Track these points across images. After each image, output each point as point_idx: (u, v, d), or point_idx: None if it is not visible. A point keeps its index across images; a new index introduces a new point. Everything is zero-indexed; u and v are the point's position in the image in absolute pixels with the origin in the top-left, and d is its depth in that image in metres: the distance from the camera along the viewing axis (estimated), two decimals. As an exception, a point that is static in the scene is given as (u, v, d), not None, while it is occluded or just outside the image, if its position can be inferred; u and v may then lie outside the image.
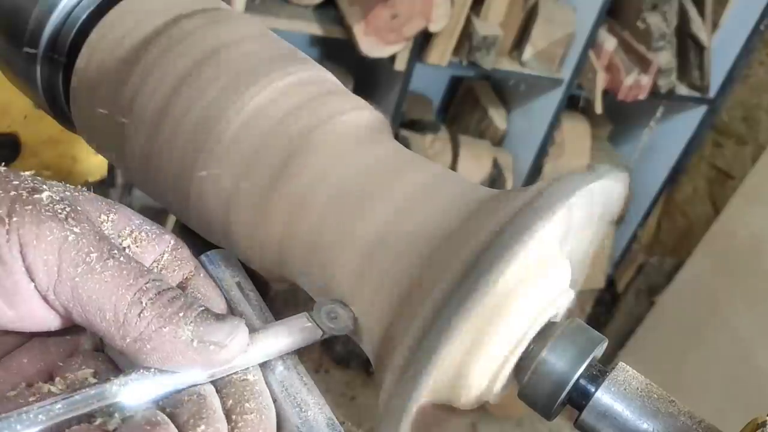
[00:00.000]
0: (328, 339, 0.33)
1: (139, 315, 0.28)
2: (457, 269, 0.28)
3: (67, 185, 0.32)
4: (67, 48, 0.40)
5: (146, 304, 0.28)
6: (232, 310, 0.34)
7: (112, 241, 0.31)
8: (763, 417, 0.31)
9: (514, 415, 2.25)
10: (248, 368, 0.31)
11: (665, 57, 2.02)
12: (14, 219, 0.28)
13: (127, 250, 0.32)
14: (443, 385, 0.33)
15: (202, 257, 0.36)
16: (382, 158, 0.36)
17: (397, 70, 1.76)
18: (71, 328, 0.31)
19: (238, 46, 0.38)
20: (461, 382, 0.32)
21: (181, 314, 0.29)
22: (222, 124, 0.35)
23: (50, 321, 0.30)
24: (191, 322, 0.29)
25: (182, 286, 0.33)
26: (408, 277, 0.31)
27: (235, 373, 0.30)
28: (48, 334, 0.31)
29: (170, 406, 0.29)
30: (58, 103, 0.43)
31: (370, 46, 1.67)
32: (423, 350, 0.27)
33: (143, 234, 0.33)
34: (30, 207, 0.28)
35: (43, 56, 0.41)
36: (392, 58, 1.74)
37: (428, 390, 0.32)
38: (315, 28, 1.70)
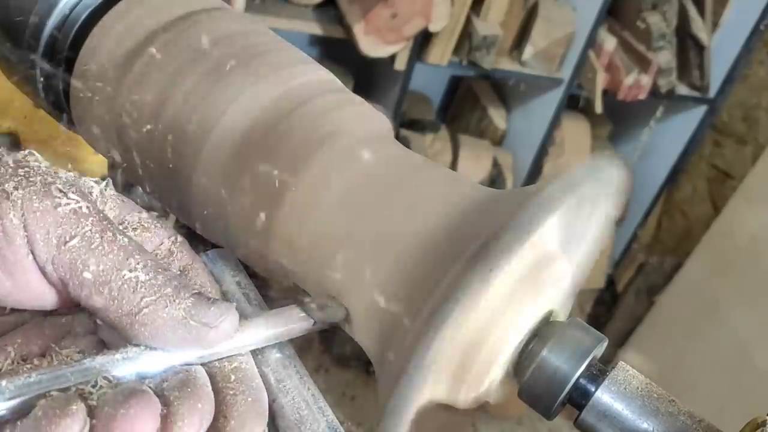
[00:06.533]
0: (329, 338, 0.33)
1: (133, 290, 0.29)
2: (457, 269, 0.28)
3: (76, 175, 0.33)
4: (67, 47, 0.40)
5: (142, 280, 0.29)
6: None
7: (114, 222, 0.31)
8: (763, 417, 0.31)
9: (514, 414, 2.25)
10: (240, 355, 0.31)
11: (665, 57, 2.02)
12: (20, 192, 0.29)
13: None
14: (443, 384, 0.33)
15: (202, 256, 0.36)
16: (383, 159, 0.36)
17: (397, 70, 1.76)
18: (67, 313, 0.32)
19: (242, 45, 0.38)
20: (461, 382, 0.32)
21: (174, 293, 0.29)
22: (224, 123, 0.35)
23: (46, 296, 0.30)
24: (184, 301, 0.29)
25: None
26: (408, 277, 0.31)
27: (226, 359, 0.31)
28: (44, 316, 0.32)
29: (157, 382, 0.29)
30: (58, 103, 0.43)
31: (370, 45, 1.67)
32: (423, 349, 0.27)
33: (144, 224, 0.34)
34: (37, 183, 0.29)
35: (43, 56, 0.41)
36: (392, 58, 1.74)
37: (428, 390, 0.32)
38: (315, 28, 1.70)
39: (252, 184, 0.35)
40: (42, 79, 0.42)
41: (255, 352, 0.33)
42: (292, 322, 0.32)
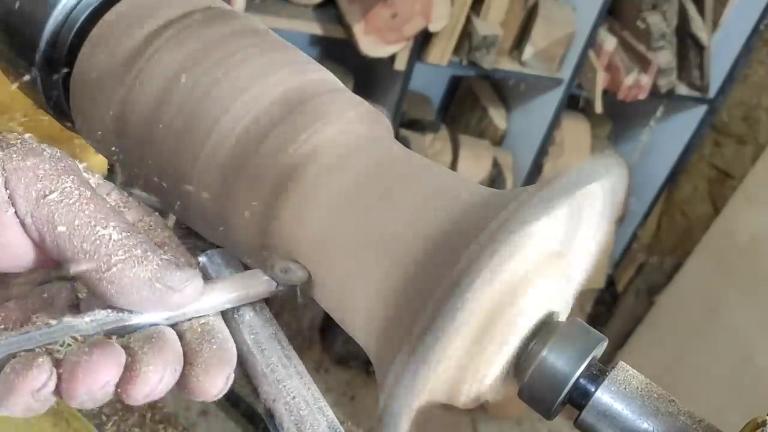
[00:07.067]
0: (329, 338, 0.33)
1: (105, 247, 0.30)
2: (457, 269, 0.28)
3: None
4: (66, 48, 0.40)
5: (114, 238, 0.30)
6: (230, 312, 0.34)
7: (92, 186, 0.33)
8: (763, 417, 0.31)
9: (514, 414, 2.25)
10: (209, 317, 0.32)
11: (665, 57, 2.02)
12: (1, 154, 0.30)
13: None
14: (443, 384, 0.33)
15: (202, 256, 0.36)
16: (384, 158, 0.36)
17: (397, 70, 1.76)
18: (50, 289, 0.33)
19: (240, 44, 0.38)
20: (461, 381, 0.32)
21: (144, 255, 0.30)
22: (224, 123, 0.35)
23: (26, 254, 0.31)
24: (152, 263, 0.30)
25: None
26: (409, 277, 0.31)
27: (196, 320, 0.32)
28: (29, 291, 0.33)
29: (124, 338, 0.30)
30: (58, 103, 0.43)
31: (370, 45, 1.67)
32: (423, 349, 0.27)
33: (123, 199, 0.35)
34: (17, 145, 0.31)
35: (44, 56, 0.41)
36: (392, 58, 1.74)
37: (428, 389, 0.32)
38: (315, 28, 1.70)
39: (251, 184, 0.35)
40: (42, 79, 0.42)
41: (254, 348, 0.33)
42: (256, 284, 0.33)
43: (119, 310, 0.30)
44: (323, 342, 2.24)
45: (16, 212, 0.30)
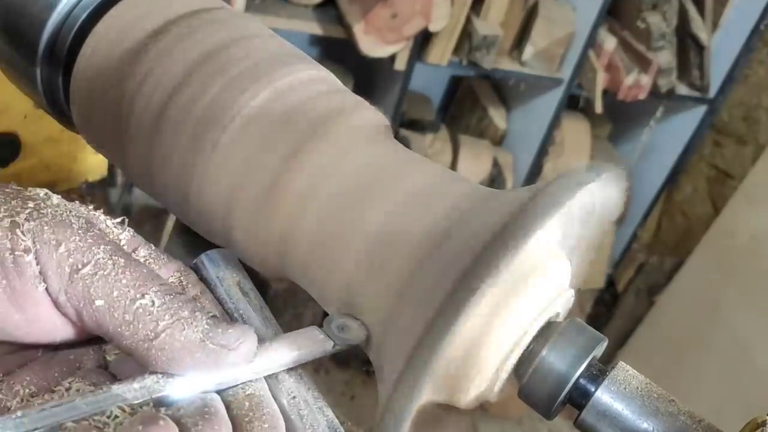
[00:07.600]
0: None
1: (149, 314, 0.28)
2: (457, 269, 0.28)
3: (83, 207, 0.33)
4: (66, 48, 0.40)
5: (158, 304, 0.29)
6: (231, 312, 0.34)
7: (125, 250, 0.31)
8: (763, 417, 0.31)
9: (514, 414, 2.25)
10: (254, 384, 0.30)
11: (665, 57, 2.02)
12: (31, 224, 0.29)
13: None
14: (444, 384, 0.33)
15: (203, 256, 0.36)
16: (384, 157, 0.36)
17: (397, 70, 1.76)
18: (75, 349, 0.32)
19: (242, 44, 0.38)
20: (462, 381, 0.32)
21: (192, 316, 0.29)
22: (224, 122, 0.35)
23: (57, 329, 0.30)
24: (201, 323, 0.29)
25: None
26: (408, 277, 0.31)
27: (240, 386, 0.30)
28: (52, 354, 0.31)
29: (173, 410, 0.28)
30: (58, 103, 0.43)
31: (370, 45, 1.67)
32: (423, 350, 0.27)
33: (152, 255, 0.34)
34: (48, 215, 0.29)
35: (43, 56, 0.41)
36: (392, 58, 1.74)
37: (428, 389, 0.32)
38: (315, 28, 1.71)
39: (251, 183, 0.35)
40: (42, 79, 0.42)
41: None
42: (312, 344, 0.32)
43: (167, 375, 0.29)
44: (323, 342, 2.24)
45: (47, 288, 0.29)
